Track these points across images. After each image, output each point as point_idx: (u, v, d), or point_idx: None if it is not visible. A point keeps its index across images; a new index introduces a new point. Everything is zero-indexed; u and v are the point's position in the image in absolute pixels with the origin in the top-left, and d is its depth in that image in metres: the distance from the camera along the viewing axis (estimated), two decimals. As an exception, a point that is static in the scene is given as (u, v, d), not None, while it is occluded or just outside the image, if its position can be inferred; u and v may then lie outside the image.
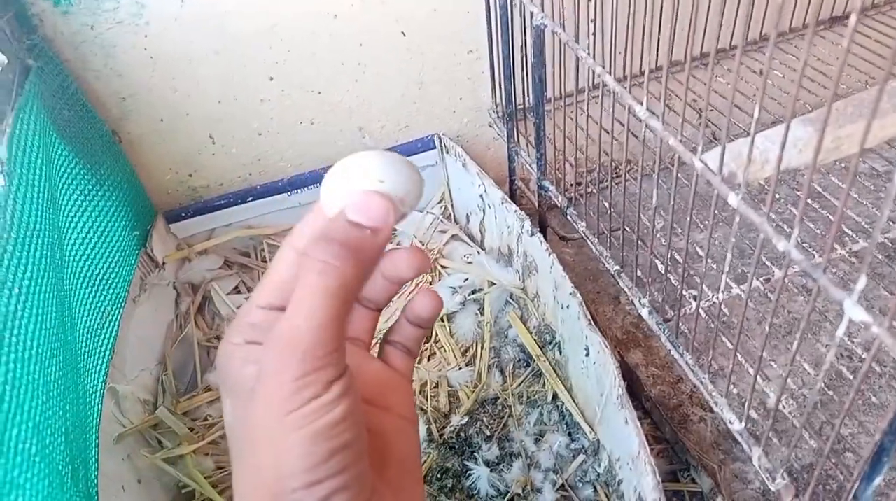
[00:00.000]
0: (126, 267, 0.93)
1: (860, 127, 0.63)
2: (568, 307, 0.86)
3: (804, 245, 0.94)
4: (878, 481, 0.48)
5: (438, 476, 0.85)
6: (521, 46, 0.91)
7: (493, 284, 1.03)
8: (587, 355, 0.81)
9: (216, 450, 0.89)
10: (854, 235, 0.89)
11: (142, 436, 0.84)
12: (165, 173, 1.02)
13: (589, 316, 0.80)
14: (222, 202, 1.07)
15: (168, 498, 0.84)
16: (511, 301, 1.02)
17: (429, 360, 1.00)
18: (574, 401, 0.88)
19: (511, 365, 0.97)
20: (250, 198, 1.09)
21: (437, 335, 1.02)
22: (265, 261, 1.12)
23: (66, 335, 0.68)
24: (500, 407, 0.92)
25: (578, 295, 0.82)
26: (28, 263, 0.58)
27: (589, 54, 0.71)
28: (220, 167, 1.05)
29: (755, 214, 0.53)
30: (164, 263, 1.02)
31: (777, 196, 1.11)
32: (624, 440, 0.74)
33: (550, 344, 0.94)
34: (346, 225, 0.32)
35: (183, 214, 1.06)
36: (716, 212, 0.60)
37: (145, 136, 0.97)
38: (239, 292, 1.11)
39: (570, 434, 0.87)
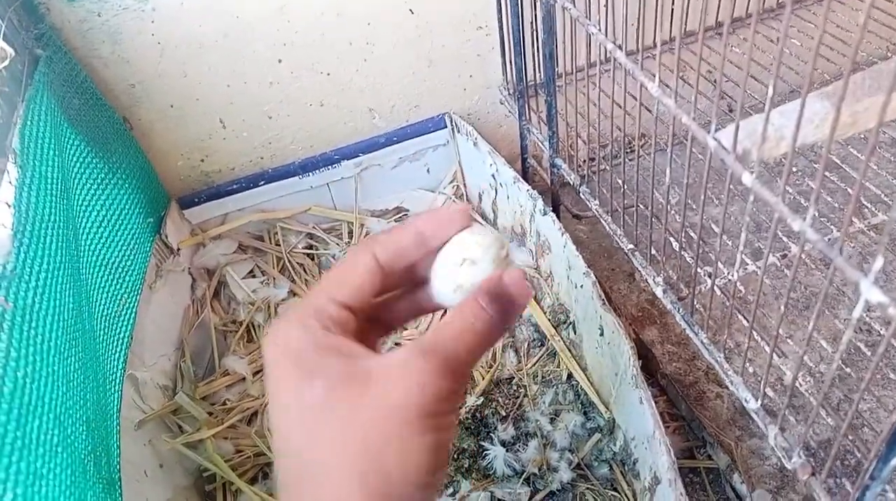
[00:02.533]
0: (141, 254, 0.94)
1: (878, 100, 0.62)
2: (581, 286, 0.86)
3: (822, 219, 0.93)
4: (895, 461, 0.48)
5: (455, 456, 0.86)
6: (532, 22, 0.90)
7: (512, 263, 1.03)
8: (601, 334, 0.81)
9: (235, 434, 0.90)
10: (873, 208, 0.87)
11: (162, 422, 0.85)
12: (177, 159, 1.03)
13: (603, 296, 0.80)
14: (235, 187, 1.07)
15: (189, 482, 0.85)
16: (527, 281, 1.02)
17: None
18: (589, 381, 0.89)
19: (526, 346, 0.97)
20: (262, 182, 1.09)
21: (451, 315, 1.02)
22: (278, 245, 1.13)
23: (85, 324, 0.69)
24: (514, 387, 0.93)
25: (592, 275, 0.82)
26: (44, 254, 0.59)
27: (600, 30, 0.70)
28: (231, 151, 1.05)
29: (770, 194, 0.53)
30: (178, 249, 1.02)
31: (794, 169, 1.10)
32: (639, 419, 0.74)
33: (564, 323, 0.94)
34: (509, 294, 0.36)
35: (196, 200, 1.07)
36: (731, 187, 0.59)
37: (156, 123, 0.97)
38: (253, 276, 1.11)
39: (585, 413, 0.87)
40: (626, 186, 0.83)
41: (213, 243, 1.10)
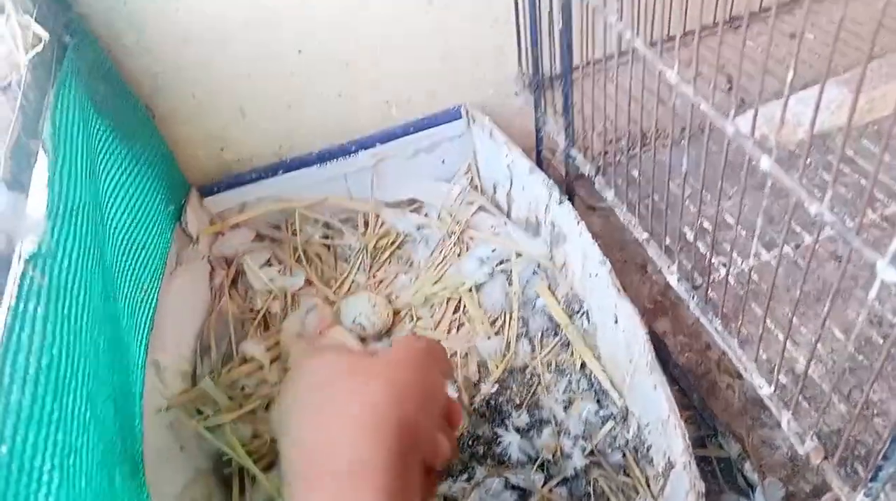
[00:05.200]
0: (163, 241, 0.95)
1: (894, 88, 0.63)
2: (597, 275, 0.87)
3: (835, 211, 0.93)
4: (909, 440, 0.49)
5: (470, 442, 0.87)
6: (549, 13, 0.91)
7: (521, 255, 1.04)
8: (616, 322, 0.82)
9: (253, 419, 0.91)
10: (886, 200, 0.88)
11: (183, 406, 0.87)
12: (198, 148, 1.04)
13: (619, 284, 0.81)
14: (253, 176, 1.09)
15: (209, 465, 0.87)
16: (539, 271, 1.03)
17: (457, 331, 1.02)
18: (602, 369, 0.90)
19: (539, 335, 0.98)
20: (280, 172, 1.11)
21: (465, 306, 1.03)
22: (295, 234, 1.14)
23: (111, 307, 0.71)
24: (528, 376, 0.94)
25: (608, 263, 0.83)
26: (75, 237, 0.60)
27: (618, 19, 0.71)
28: (250, 141, 1.06)
29: (788, 177, 0.54)
30: (198, 237, 1.04)
31: (808, 161, 1.11)
32: (653, 405, 0.75)
33: (578, 313, 0.95)
34: None
35: (216, 188, 1.08)
36: (747, 178, 0.60)
37: (177, 112, 0.98)
38: (270, 264, 1.13)
39: (598, 401, 0.88)
40: (641, 177, 0.84)
41: (231, 232, 1.11)
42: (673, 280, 0.78)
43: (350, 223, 1.17)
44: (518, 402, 0.90)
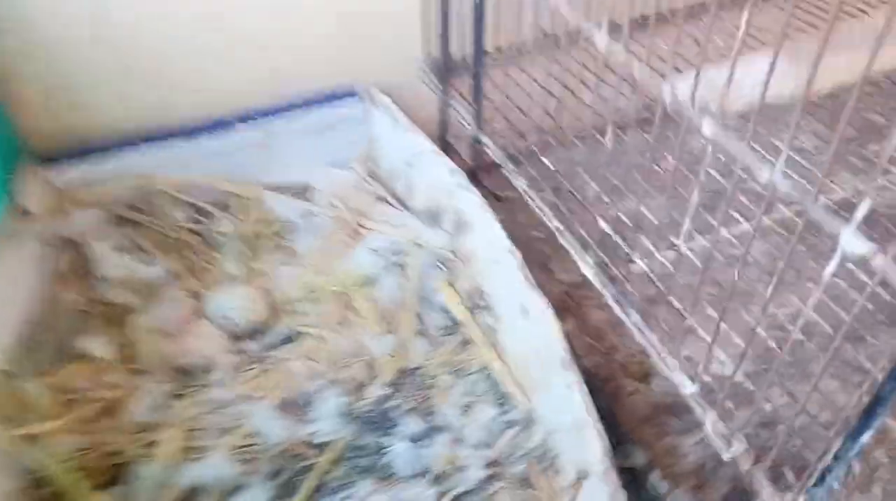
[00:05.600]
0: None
1: (836, 61, 0.59)
2: (504, 266, 0.79)
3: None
4: (866, 437, 0.43)
5: (350, 454, 0.76)
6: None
7: (420, 246, 0.95)
8: (526, 317, 0.74)
9: (89, 428, 0.76)
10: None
11: (-2, 411, 0.71)
12: (41, 110, 0.88)
13: (528, 274, 0.74)
14: (110, 146, 0.94)
15: (17, 486, 0.70)
16: (439, 264, 0.94)
17: (340, 325, 0.91)
18: (506, 369, 0.81)
19: (438, 333, 0.89)
20: (144, 144, 0.96)
21: (353, 300, 0.93)
22: (159, 218, 0.99)
23: None
24: (423, 379, 0.84)
25: (517, 253, 0.76)
26: None
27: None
28: (108, 105, 0.92)
29: (734, 142, 0.48)
30: (33, 212, 0.87)
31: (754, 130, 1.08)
32: (565, 407, 0.68)
33: (481, 308, 0.87)
34: None
35: (62, 158, 0.92)
36: (680, 153, 0.54)
37: (20, 65, 0.82)
38: (126, 252, 0.97)
39: (501, 404, 0.80)
40: (556, 167, 0.78)
41: (80, 211, 0.95)
42: (589, 272, 0.71)
43: (228, 208, 1.03)
44: (409, 408, 0.80)
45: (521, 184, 0.82)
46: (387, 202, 1.03)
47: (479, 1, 0.76)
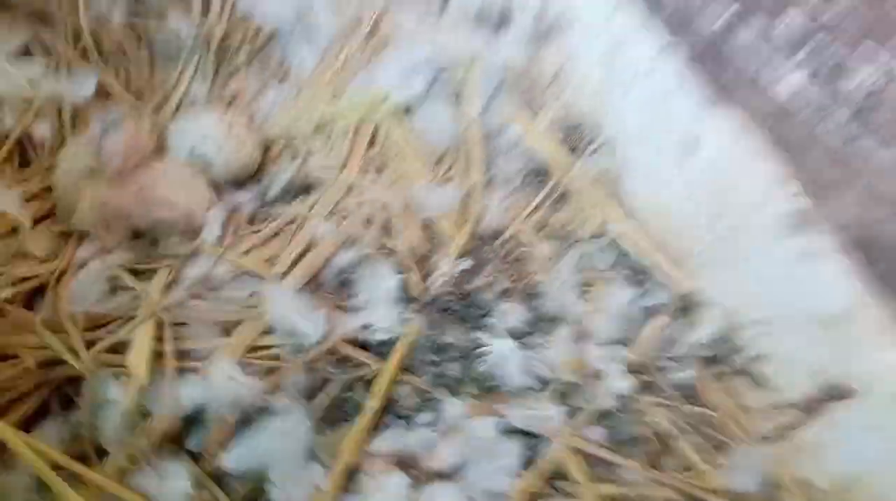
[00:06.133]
0: None
1: None
2: (647, 73, 0.52)
3: None
4: None
5: (432, 357, 0.50)
6: None
7: (476, 60, 0.66)
8: (692, 150, 0.48)
9: (3, 325, 0.47)
10: None
11: None
12: None
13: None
14: None
15: None
16: (505, 85, 0.66)
17: (378, 173, 0.62)
18: (644, 233, 0.56)
19: (517, 184, 0.62)
20: None
21: (388, 136, 0.64)
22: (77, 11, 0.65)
23: None
24: (511, 247, 0.57)
25: (679, 44, 0.48)
26: None
27: None
28: None
29: None
30: None
31: None
32: (789, 288, 0.43)
33: (588, 145, 0.60)
34: None
35: None
36: None
37: None
38: (30, 56, 0.64)
39: (639, 283, 0.55)
40: None
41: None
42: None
43: (183, 3, 0.70)
44: (502, 289, 0.54)
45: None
46: (419, -2, 0.72)
47: None
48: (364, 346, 0.51)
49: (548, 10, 0.61)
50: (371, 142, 0.64)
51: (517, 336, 0.51)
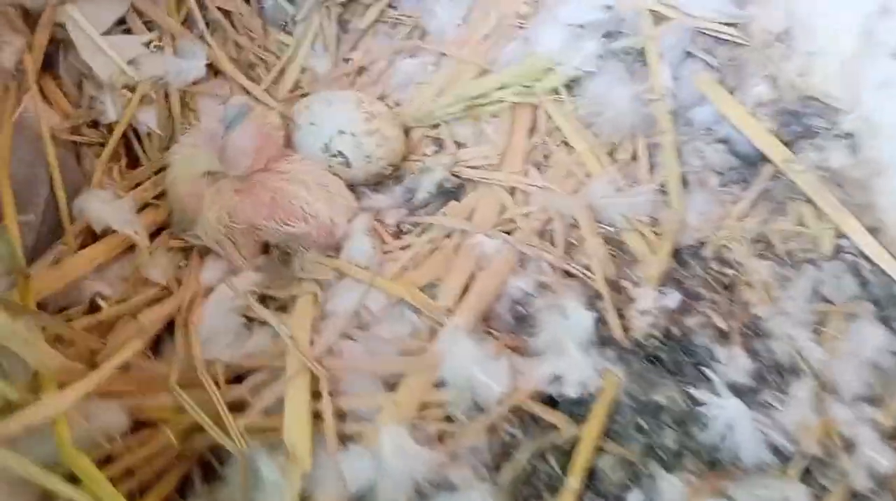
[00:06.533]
0: None
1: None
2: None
3: None
4: None
5: (639, 420, 0.41)
6: None
7: (666, 19, 0.53)
8: None
9: (131, 383, 0.40)
10: None
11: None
12: None
13: None
14: None
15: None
16: (699, 49, 0.53)
17: (542, 169, 0.52)
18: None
19: (715, 182, 0.51)
20: None
21: (552, 119, 0.53)
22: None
23: None
24: (717, 267, 0.47)
25: None
26: None
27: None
28: None
29: None
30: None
31: None
32: None
33: (817, 135, 0.48)
34: None
35: None
36: None
37: None
38: (129, 30, 0.55)
39: (890, 319, 0.44)
40: None
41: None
42: None
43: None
44: (718, 330, 0.44)
45: None
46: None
47: None
48: (553, 402, 0.42)
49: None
50: (532, 128, 0.54)
51: (742, 392, 0.42)
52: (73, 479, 0.35)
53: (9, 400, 0.35)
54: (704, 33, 0.53)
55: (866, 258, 0.45)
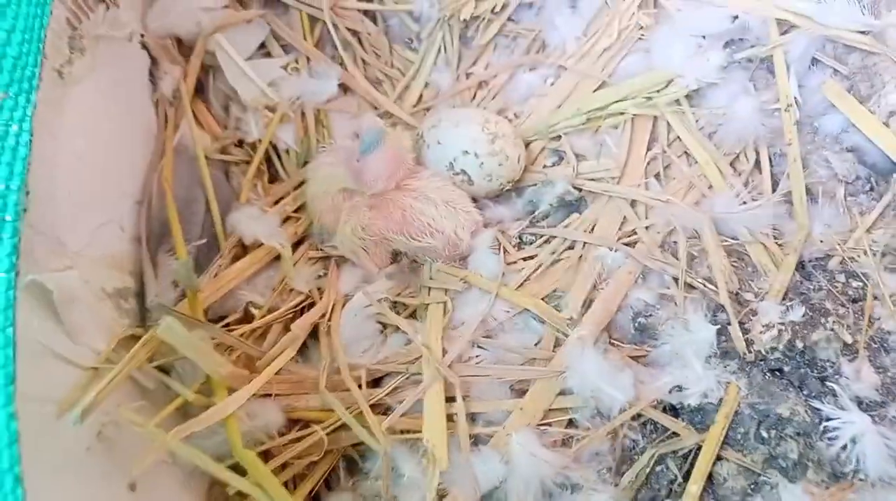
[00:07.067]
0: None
1: None
2: None
3: None
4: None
5: (761, 431, 0.43)
6: None
7: (794, 27, 0.54)
8: None
9: (284, 386, 0.45)
10: None
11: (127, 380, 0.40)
12: None
13: None
14: None
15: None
16: (827, 57, 0.54)
17: (664, 181, 0.54)
18: None
19: (843, 192, 0.51)
20: None
21: (673, 131, 0.55)
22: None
23: None
24: (844, 279, 0.48)
25: None
26: None
27: None
28: None
29: None
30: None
31: None
32: None
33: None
34: None
35: None
36: None
37: None
38: (268, 54, 0.61)
39: None
40: None
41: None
42: None
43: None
44: (844, 344, 0.45)
45: None
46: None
47: None
48: (674, 411, 0.45)
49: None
50: (652, 140, 0.56)
51: (869, 407, 0.43)
52: (238, 471, 0.40)
53: (185, 401, 0.41)
54: (834, 41, 0.53)
55: None
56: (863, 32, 0.52)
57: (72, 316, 0.38)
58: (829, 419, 0.42)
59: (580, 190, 0.54)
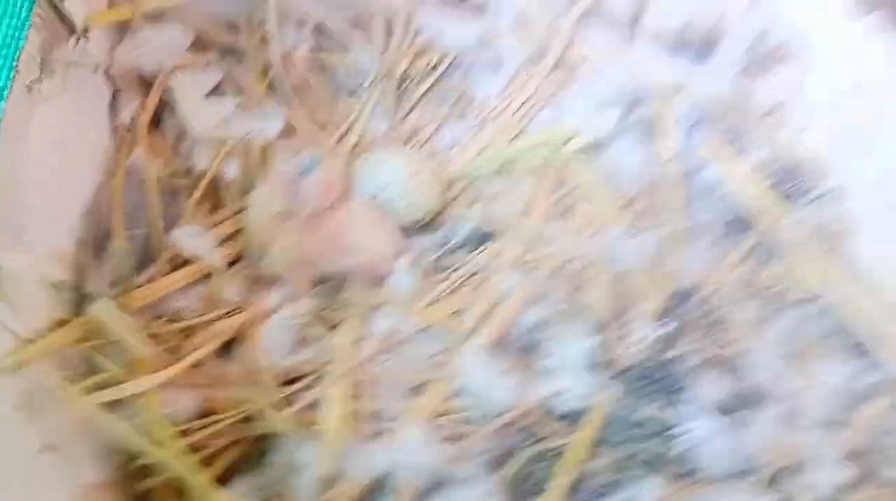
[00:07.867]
0: (12, 32, 0.51)
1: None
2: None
3: None
4: None
5: (627, 431, 0.50)
6: None
7: (678, 91, 0.64)
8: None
9: (201, 378, 0.52)
10: None
11: (48, 358, 0.46)
12: None
13: None
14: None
15: (105, 476, 0.48)
16: (707, 121, 0.64)
17: (565, 219, 0.63)
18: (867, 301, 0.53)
19: (716, 232, 0.60)
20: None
21: (576, 176, 0.64)
22: (265, 42, 0.71)
23: None
24: (711, 308, 0.56)
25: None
26: None
27: None
28: None
29: None
30: (87, 29, 0.60)
31: None
32: None
33: (805, 193, 0.57)
34: None
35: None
36: None
37: None
38: (222, 94, 0.70)
39: (861, 356, 0.52)
40: None
41: (151, 27, 0.67)
42: None
43: (361, 29, 0.73)
44: (703, 358, 0.53)
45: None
46: (609, 21, 0.71)
47: None
48: (554, 414, 0.52)
49: (769, 36, 0.59)
50: (558, 184, 0.64)
51: (720, 412, 0.50)
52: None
53: (111, 376, 0.48)
54: (714, 103, 0.64)
55: (843, 303, 0.54)
56: (735, 97, 0.62)
57: (16, 294, 0.45)
58: (683, 421, 0.50)
59: (491, 224, 0.63)
